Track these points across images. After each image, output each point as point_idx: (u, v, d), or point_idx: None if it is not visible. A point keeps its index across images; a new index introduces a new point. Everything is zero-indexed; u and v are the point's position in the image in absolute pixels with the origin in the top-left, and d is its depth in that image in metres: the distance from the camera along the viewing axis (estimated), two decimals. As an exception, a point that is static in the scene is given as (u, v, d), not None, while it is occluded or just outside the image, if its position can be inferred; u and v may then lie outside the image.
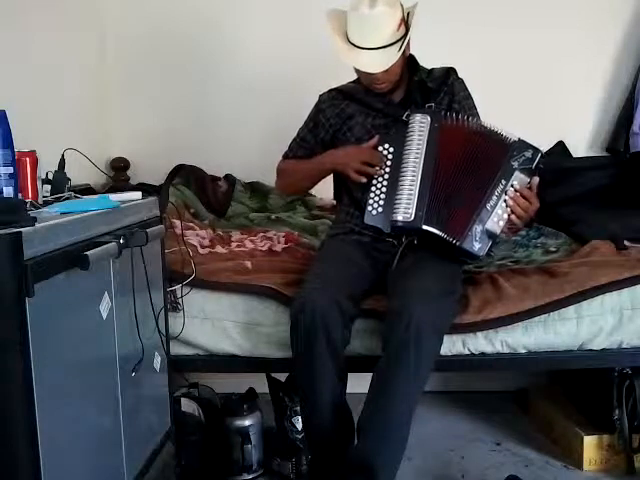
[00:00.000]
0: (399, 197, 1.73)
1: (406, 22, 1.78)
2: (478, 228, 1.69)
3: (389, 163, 1.79)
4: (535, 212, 1.73)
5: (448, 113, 1.78)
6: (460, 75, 1.95)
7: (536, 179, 1.71)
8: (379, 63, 1.75)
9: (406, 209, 1.71)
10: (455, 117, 1.77)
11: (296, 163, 2.02)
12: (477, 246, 1.69)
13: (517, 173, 1.70)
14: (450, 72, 1.93)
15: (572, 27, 2.66)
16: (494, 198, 1.69)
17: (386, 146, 1.79)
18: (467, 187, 1.73)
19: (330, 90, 2.00)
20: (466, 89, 1.94)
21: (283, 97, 2.67)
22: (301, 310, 1.61)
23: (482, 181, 1.72)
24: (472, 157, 1.74)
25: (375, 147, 1.82)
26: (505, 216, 1.69)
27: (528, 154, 1.71)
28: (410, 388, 1.58)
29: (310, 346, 1.60)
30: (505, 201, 1.69)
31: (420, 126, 1.75)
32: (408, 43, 1.82)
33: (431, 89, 1.89)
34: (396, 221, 1.72)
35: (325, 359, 1.61)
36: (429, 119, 1.75)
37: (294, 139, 2.04)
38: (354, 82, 1.98)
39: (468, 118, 1.78)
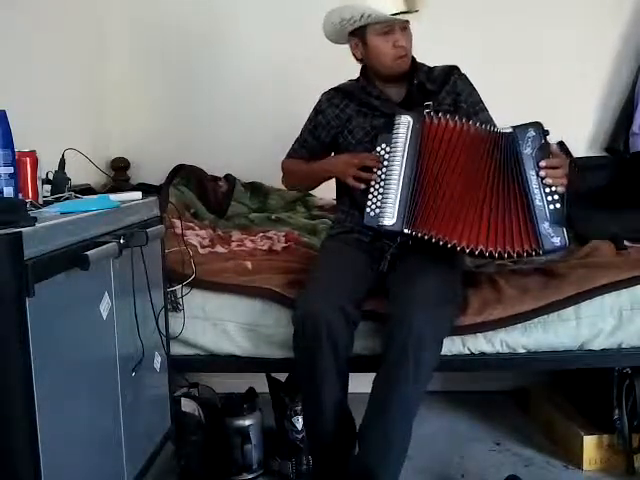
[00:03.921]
0: (385, 201, 1.71)
1: None
2: (545, 225, 1.65)
3: (386, 163, 1.76)
4: (567, 165, 1.70)
5: (432, 113, 1.75)
6: (460, 74, 1.94)
7: (553, 145, 1.69)
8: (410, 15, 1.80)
9: (390, 213, 1.70)
10: (442, 117, 1.73)
11: (298, 164, 2.03)
12: (557, 240, 1.65)
13: (535, 156, 1.66)
14: (452, 71, 1.93)
15: (572, 27, 2.66)
16: (536, 191, 1.65)
17: (383, 146, 1.77)
18: (486, 191, 1.69)
19: (329, 90, 2.00)
20: (470, 84, 1.93)
21: (283, 97, 2.67)
22: (305, 318, 1.61)
23: (509, 184, 1.68)
24: (474, 159, 1.71)
25: (373, 148, 1.80)
26: (556, 197, 1.65)
27: (531, 133, 1.67)
28: (410, 396, 1.58)
29: (314, 354, 1.60)
30: (546, 185, 1.65)
31: (403, 127, 1.72)
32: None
33: (431, 91, 1.88)
34: (382, 225, 1.71)
35: (329, 367, 1.61)
36: (410, 120, 1.72)
37: (297, 139, 2.05)
38: (354, 80, 1.98)
39: (455, 119, 1.73)
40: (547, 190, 1.66)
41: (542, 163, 1.65)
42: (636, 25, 2.70)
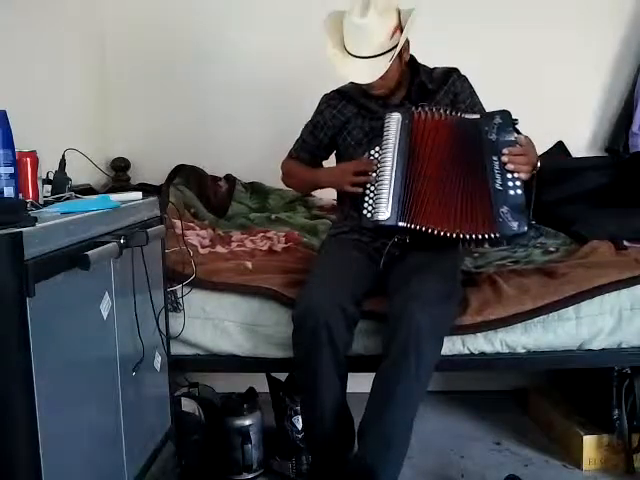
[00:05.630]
0: (379, 198, 1.72)
1: (402, 29, 1.76)
2: (504, 210, 1.66)
3: (379, 165, 1.77)
4: (535, 156, 1.72)
5: (419, 108, 1.77)
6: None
7: (521, 137, 1.71)
8: (367, 73, 1.75)
9: (385, 208, 1.71)
10: (428, 111, 1.76)
11: (297, 169, 2.05)
12: (515, 225, 1.66)
13: (499, 142, 1.70)
14: (451, 72, 1.94)
15: (572, 27, 2.66)
16: (497, 176, 1.68)
17: (377, 149, 1.78)
18: (457, 178, 1.73)
19: (331, 91, 2.01)
20: (469, 85, 1.94)
21: (283, 97, 2.67)
22: (305, 314, 1.61)
23: (473, 170, 1.71)
24: (449, 148, 1.74)
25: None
26: (518, 183, 1.68)
27: (497, 120, 1.71)
28: (411, 393, 1.58)
29: (313, 351, 1.60)
30: (508, 171, 1.68)
31: (393, 124, 1.75)
32: (407, 48, 1.84)
33: (430, 90, 1.89)
34: (377, 221, 1.72)
35: (328, 364, 1.61)
36: (400, 117, 1.75)
37: (298, 139, 2.07)
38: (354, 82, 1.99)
39: (440, 111, 1.76)
40: (509, 176, 1.68)
41: (506, 151, 1.68)
42: (636, 26, 2.71)
